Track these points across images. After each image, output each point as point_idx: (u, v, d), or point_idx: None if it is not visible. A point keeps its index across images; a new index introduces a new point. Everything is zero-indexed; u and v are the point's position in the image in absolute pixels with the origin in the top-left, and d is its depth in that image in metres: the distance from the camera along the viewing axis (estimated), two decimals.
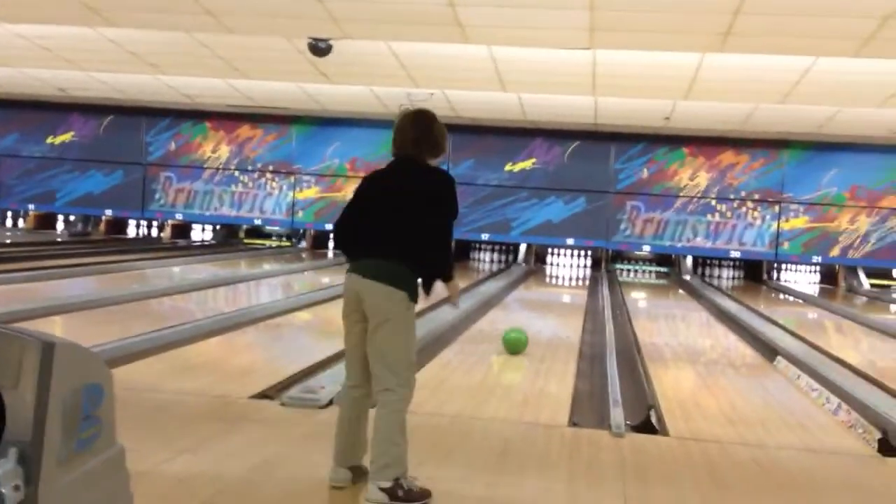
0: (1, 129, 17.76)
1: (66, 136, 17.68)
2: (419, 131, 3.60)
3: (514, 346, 7.24)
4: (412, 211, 3.50)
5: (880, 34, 7.74)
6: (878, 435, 5.05)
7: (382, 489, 3.34)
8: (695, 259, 17.06)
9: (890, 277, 16.66)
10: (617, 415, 4.97)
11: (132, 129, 17.48)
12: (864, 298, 15.20)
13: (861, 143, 15.26)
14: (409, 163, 3.61)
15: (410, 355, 3.50)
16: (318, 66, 10.93)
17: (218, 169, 17.42)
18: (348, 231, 3.62)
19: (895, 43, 8.01)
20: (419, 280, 3.55)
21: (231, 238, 18.40)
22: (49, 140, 17.70)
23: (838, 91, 10.82)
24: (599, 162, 16.47)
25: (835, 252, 16.03)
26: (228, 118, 17.09)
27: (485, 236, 16.85)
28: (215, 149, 17.42)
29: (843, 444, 5.00)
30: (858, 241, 15.89)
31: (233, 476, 3.66)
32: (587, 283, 15.15)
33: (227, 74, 12.58)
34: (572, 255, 17.46)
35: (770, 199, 16.11)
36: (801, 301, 14.70)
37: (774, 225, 16.12)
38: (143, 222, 18.55)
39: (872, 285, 16.33)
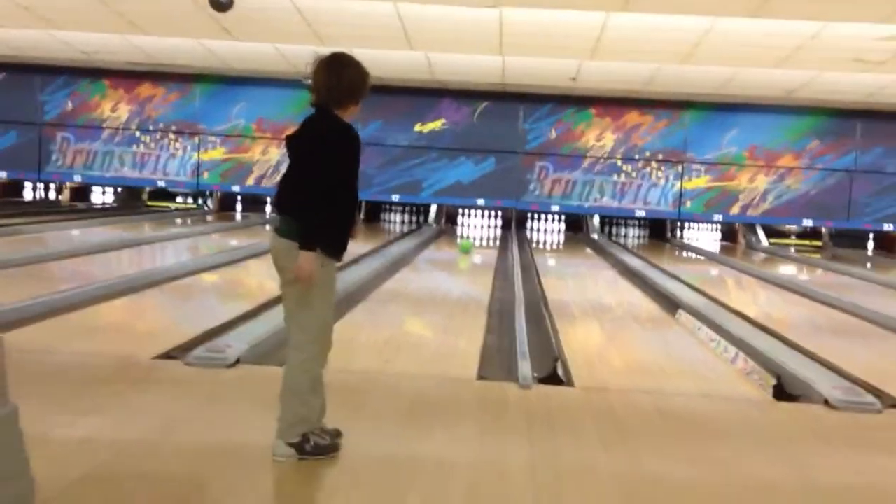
0: None
1: None
2: (329, 77, 3.37)
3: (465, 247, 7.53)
4: (300, 163, 3.37)
5: None
6: (773, 381, 5.26)
7: (290, 444, 3.32)
8: (602, 218, 17.36)
9: (787, 235, 17.29)
10: (524, 367, 5.05)
11: (26, 88, 16.75)
12: (763, 255, 15.74)
13: (759, 104, 15.71)
14: (317, 112, 3.43)
15: (322, 313, 3.40)
16: (220, 21, 10.65)
17: (118, 129, 16.87)
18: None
19: (790, 4, 8.23)
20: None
21: (134, 200, 17.89)
22: None
23: (737, 52, 11.09)
24: (508, 122, 16.56)
25: (735, 210, 16.52)
26: (128, 76, 16.53)
27: (395, 197, 16.81)
28: (115, 108, 16.84)
29: (740, 390, 5.19)
30: (757, 199, 16.41)
31: (134, 437, 3.59)
32: (497, 242, 15.28)
33: (126, 30, 12.15)
34: (483, 216, 17.56)
35: (673, 160, 16.48)
36: (703, 258, 15.14)
37: (678, 184, 16.51)
38: (41, 185, 17.88)
39: (771, 242, 16.91)
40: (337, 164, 3.32)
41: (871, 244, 17.16)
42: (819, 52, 10.61)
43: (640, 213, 16.76)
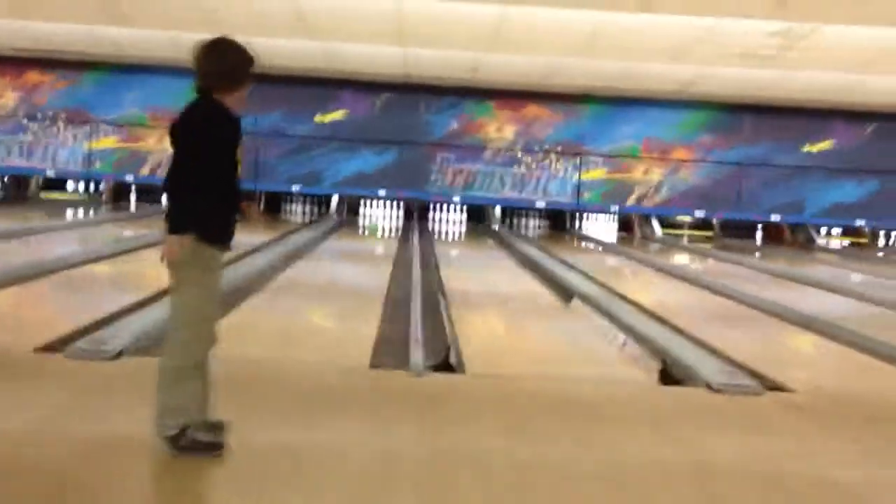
0: None
1: None
2: (209, 61, 3.29)
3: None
4: (174, 149, 3.31)
5: None
6: (659, 366, 5.40)
7: (165, 437, 3.23)
8: (503, 209, 17.53)
9: (680, 225, 17.78)
10: (416, 355, 5.05)
11: None
12: (658, 245, 16.16)
13: (655, 98, 16.10)
14: (196, 98, 3.34)
15: (195, 300, 3.28)
16: (112, 6, 10.34)
17: (4, 117, 16.18)
18: None
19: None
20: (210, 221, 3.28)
21: (22, 190, 17.20)
22: None
23: (631, 46, 11.34)
24: (410, 114, 16.55)
25: (631, 201, 16.90)
26: (14, 62, 15.87)
27: (296, 188, 16.62)
28: (0, 95, 16.18)
29: (628, 374, 5.31)
30: (652, 190, 16.82)
31: (8, 432, 3.44)
32: (399, 233, 15.27)
33: (11, 14, 11.67)
34: (385, 206, 17.51)
35: (572, 152, 16.75)
36: (600, 248, 15.44)
37: (576, 176, 16.79)
38: None
39: (665, 233, 17.37)
40: (201, 148, 3.25)
41: (759, 234, 17.80)
42: (709, 47, 10.94)
43: (541, 205, 16.98)
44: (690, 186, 16.80)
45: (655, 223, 17.53)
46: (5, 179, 17.07)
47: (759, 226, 17.72)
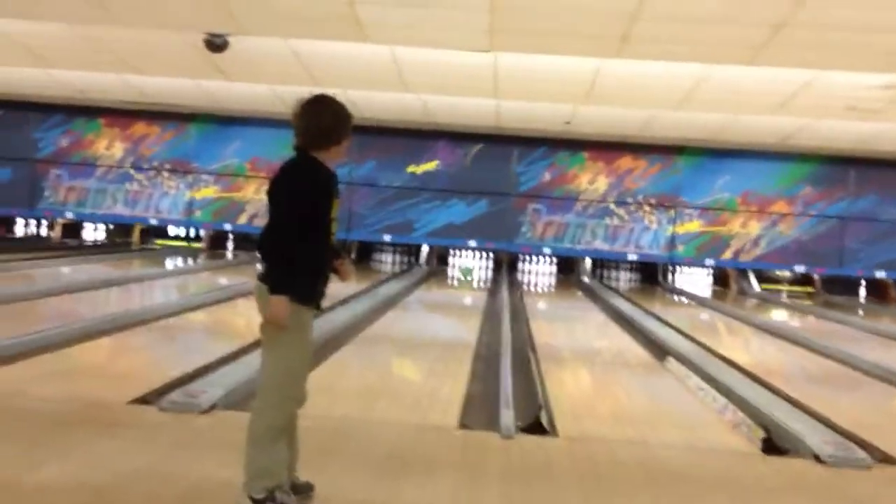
0: None
1: None
2: (307, 119, 3.32)
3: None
4: (270, 207, 3.36)
5: (773, 42, 7.95)
6: (762, 434, 5.16)
7: (253, 499, 3.21)
8: (593, 261, 17.31)
9: (779, 280, 17.24)
10: (507, 417, 4.94)
11: (20, 125, 16.77)
12: (755, 300, 15.68)
13: (753, 150, 15.73)
14: (295, 156, 3.39)
15: (288, 361, 3.27)
16: (215, 62, 10.67)
17: (111, 167, 16.84)
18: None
19: (787, 51, 8.24)
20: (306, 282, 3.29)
21: (124, 237, 17.81)
22: None
23: (732, 99, 11.11)
24: (502, 165, 16.57)
25: (727, 255, 16.47)
26: (123, 115, 16.54)
27: (387, 237, 16.75)
28: (109, 146, 16.84)
29: (727, 442, 5.08)
30: (749, 244, 16.37)
31: (98, 484, 3.48)
32: (488, 284, 15.20)
33: (121, 70, 12.18)
34: (475, 257, 17.51)
35: (666, 204, 16.47)
36: (694, 303, 15.06)
37: (670, 228, 16.49)
38: (33, 221, 17.83)
39: (763, 288, 16.86)
40: (297, 208, 3.25)
41: (863, 291, 17.11)
42: (813, 99, 10.63)
43: (632, 257, 16.71)
44: (790, 240, 16.28)
45: (753, 278, 17.03)
46: (110, 227, 17.69)
47: (863, 282, 17.04)
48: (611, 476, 4.18)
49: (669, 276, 17.59)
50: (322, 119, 3.34)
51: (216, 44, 9.59)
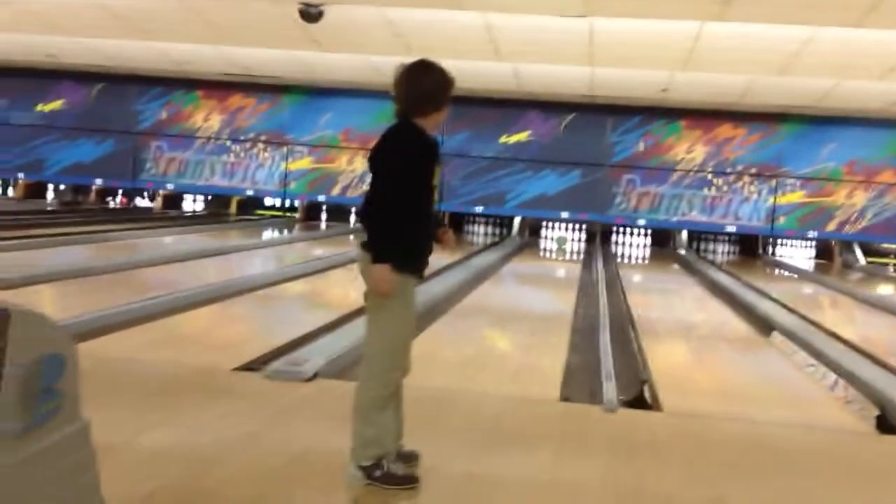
0: None
1: (57, 104, 17.45)
2: (409, 84, 3.27)
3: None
4: (373, 176, 3.30)
5: (883, 4, 7.57)
6: (875, 412, 4.95)
7: (361, 467, 3.21)
8: (690, 233, 16.94)
9: (886, 254, 16.57)
10: (609, 390, 4.86)
11: (123, 98, 17.27)
12: (861, 274, 15.12)
13: (859, 117, 15.11)
14: (396, 122, 3.33)
15: (392, 330, 3.25)
16: (309, 32, 10.74)
17: (209, 139, 17.21)
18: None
19: None
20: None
21: (223, 209, 18.22)
22: (38, 108, 17.47)
23: (838, 63, 10.66)
24: (595, 134, 16.30)
25: (831, 227, 15.91)
26: (220, 87, 16.86)
27: (479, 209, 16.70)
28: (207, 118, 17.21)
29: (840, 420, 4.90)
30: (855, 216, 15.77)
31: (206, 450, 3.54)
32: (582, 256, 15.03)
33: (218, 41, 12.38)
34: (567, 229, 17.32)
35: (767, 174, 15.96)
36: (796, 276, 14.60)
37: (771, 199, 15.98)
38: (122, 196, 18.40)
39: (868, 261, 16.24)
40: (400, 175, 3.20)
41: None
42: None
43: (731, 229, 16.28)
44: None
45: (858, 251, 16.41)
46: (209, 198, 18.09)
47: None
48: (718, 453, 4.06)
49: (770, 249, 17.09)
50: (424, 84, 3.29)
51: (311, 14, 9.64)
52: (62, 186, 18.20)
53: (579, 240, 17.15)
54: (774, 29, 9.14)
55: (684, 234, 16.92)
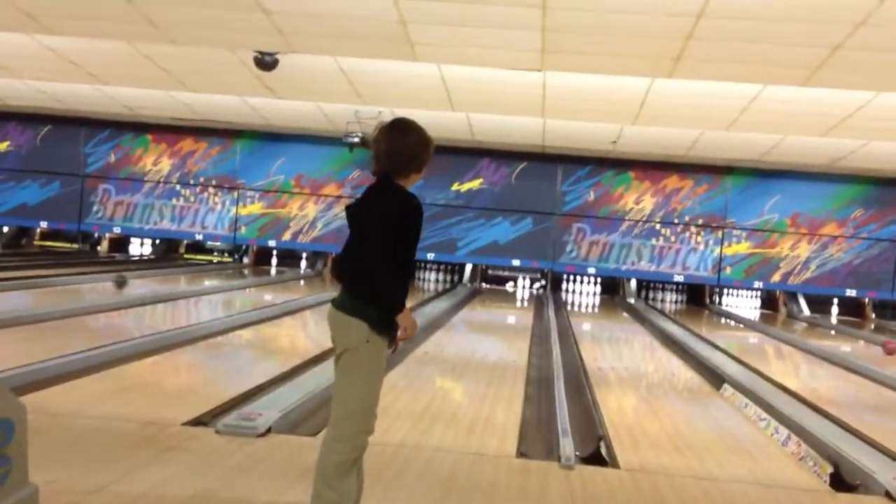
0: None
1: (2, 146, 17.13)
2: (393, 144, 3.22)
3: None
4: (365, 236, 3.18)
5: (830, 63, 7.79)
6: (829, 469, 4.99)
7: None
8: (639, 282, 17.12)
9: (829, 304, 16.90)
10: (566, 446, 4.84)
11: (70, 140, 17.01)
12: (804, 324, 15.38)
13: (803, 171, 15.49)
14: (380, 180, 3.27)
15: (363, 393, 3.17)
16: (264, 80, 10.72)
17: (159, 182, 17.01)
18: (337, 261, 3.40)
19: (844, 72, 8.08)
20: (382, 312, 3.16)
21: (171, 253, 17.96)
22: None
23: (784, 119, 10.93)
24: (546, 183, 16.47)
25: (776, 278, 16.20)
26: (171, 131, 16.71)
27: (430, 256, 16.70)
28: (156, 161, 17.01)
29: (795, 477, 4.92)
30: (799, 267, 16.09)
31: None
32: (533, 304, 15.07)
33: (171, 86, 12.28)
34: (519, 277, 17.42)
35: (713, 225, 16.25)
36: (742, 326, 14.81)
37: (717, 250, 16.26)
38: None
39: (812, 311, 16.54)
40: (405, 239, 3.17)
41: None
42: (868, 121, 10.42)
43: (679, 279, 16.49)
44: (841, 264, 15.98)
45: (802, 301, 16.73)
46: (156, 241, 17.83)
47: None
48: None
49: (717, 298, 17.33)
50: (409, 144, 3.25)
51: (266, 62, 9.62)
52: (5, 229, 17.79)
53: (530, 288, 17.23)
54: (722, 87, 9.34)
55: (633, 283, 17.09)
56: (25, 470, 2.34)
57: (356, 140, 14.50)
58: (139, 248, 18.05)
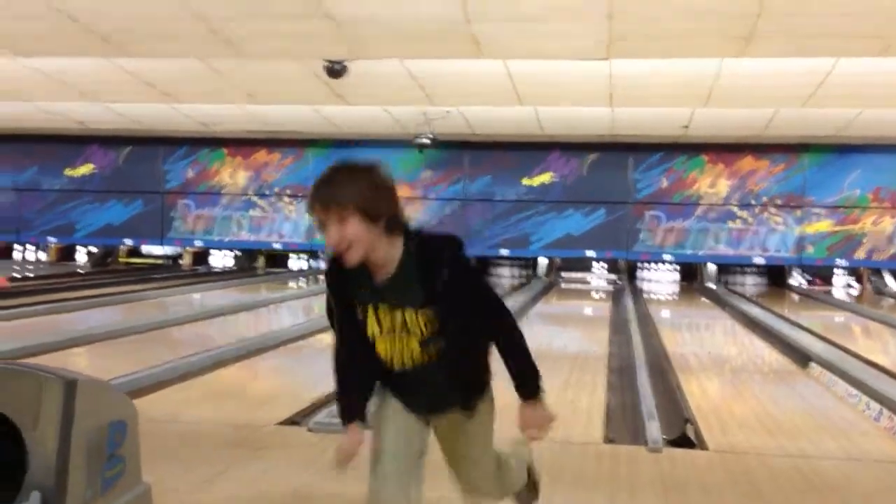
0: (20, 164, 17.84)
1: (86, 168, 17.75)
2: (381, 186, 2.51)
3: None
4: (451, 300, 2.61)
5: None
6: None
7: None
8: (718, 266, 16.87)
9: None
10: (653, 429, 4.84)
11: (150, 159, 17.55)
12: (891, 300, 14.97)
13: (883, 144, 15.07)
14: (424, 231, 2.63)
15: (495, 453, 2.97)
16: (333, 87, 10.90)
17: (235, 195, 17.43)
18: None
19: None
20: None
21: (251, 263, 18.35)
22: (68, 172, 17.77)
23: (861, 92, 10.67)
24: (618, 172, 16.36)
25: (860, 254, 15.80)
26: (245, 144, 17.11)
27: (504, 252, 16.73)
28: (232, 175, 17.45)
29: (891, 451, 4.84)
30: (883, 242, 15.65)
31: (251, 500, 3.56)
32: (611, 295, 14.98)
33: (243, 100, 12.58)
34: (595, 267, 17.34)
35: (792, 204, 15.92)
36: (828, 305, 14.48)
37: (798, 229, 15.93)
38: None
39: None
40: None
41: None
42: None
43: (759, 261, 16.20)
44: None
45: (888, 276, 16.27)
46: (236, 252, 18.24)
47: None
48: (771, 490, 4.03)
49: (799, 279, 16.97)
50: (389, 182, 2.55)
51: (336, 70, 9.79)
52: (93, 248, 18.42)
53: (607, 278, 17.15)
54: (795, 62, 9.18)
55: (712, 268, 16.85)
56: (138, 469, 2.47)
57: (426, 141, 14.65)
58: (220, 259, 18.48)
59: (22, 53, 9.85)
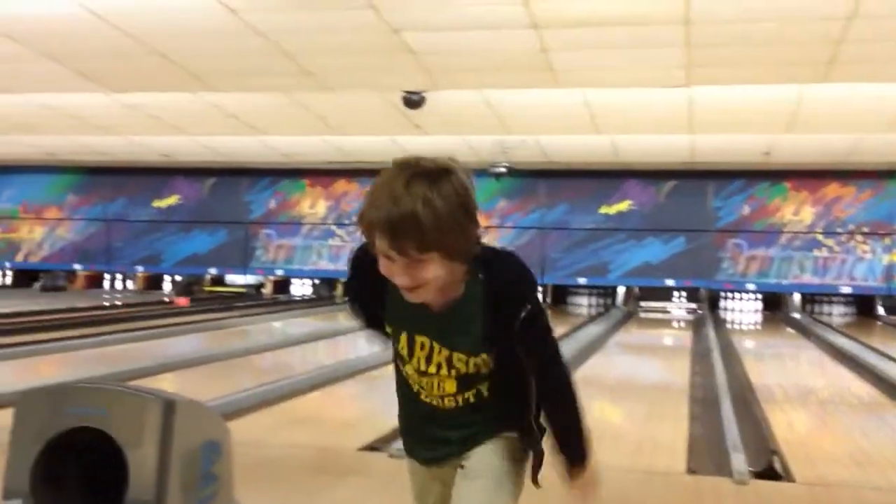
0: (109, 196, 18.48)
1: (172, 199, 18.29)
2: (458, 201, 1.95)
3: None
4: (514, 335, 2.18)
5: None
6: None
7: None
8: (803, 296, 16.46)
9: None
10: (738, 461, 4.76)
11: (234, 190, 18.00)
12: None
13: None
14: (488, 246, 2.22)
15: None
16: (411, 118, 11.06)
17: (315, 224, 17.73)
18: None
19: None
20: None
21: (330, 292, 18.59)
22: (155, 203, 18.34)
23: None
24: (697, 200, 16.15)
25: None
26: (325, 174, 17.42)
27: (581, 280, 16.63)
28: (313, 205, 17.77)
29: None
30: None
31: None
32: (692, 324, 14.75)
33: (324, 132, 12.84)
34: (675, 297, 17.10)
35: (881, 231, 15.48)
36: None
37: (886, 258, 15.47)
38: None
39: None
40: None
41: None
42: None
43: (846, 290, 15.77)
44: None
45: None
46: (315, 282, 18.52)
47: None
48: None
49: (889, 309, 16.44)
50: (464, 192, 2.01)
51: (414, 101, 9.94)
52: (178, 277, 18.92)
53: (687, 308, 16.88)
54: (879, 87, 8.99)
55: (797, 297, 16.45)
56: (231, 488, 2.55)
57: (502, 170, 14.71)
58: (300, 288, 18.78)
59: (116, 90, 10.24)
